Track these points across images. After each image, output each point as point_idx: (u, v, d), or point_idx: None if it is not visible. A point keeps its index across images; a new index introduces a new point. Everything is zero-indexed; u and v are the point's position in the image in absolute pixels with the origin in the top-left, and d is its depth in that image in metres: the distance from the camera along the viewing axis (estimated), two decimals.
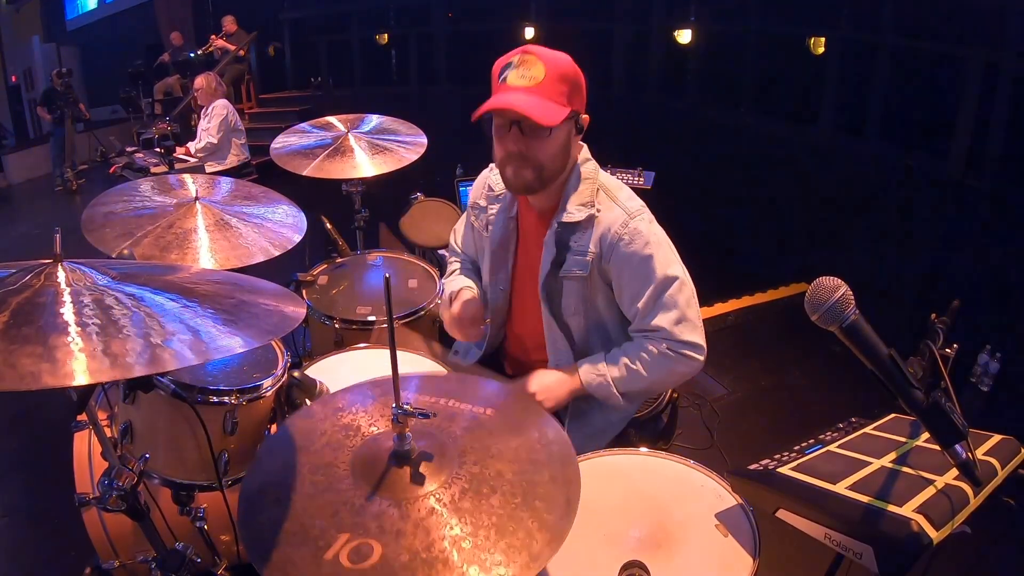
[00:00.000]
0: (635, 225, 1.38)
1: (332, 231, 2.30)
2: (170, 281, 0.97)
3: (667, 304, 1.38)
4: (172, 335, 0.79)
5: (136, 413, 1.30)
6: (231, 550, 1.56)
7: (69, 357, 0.70)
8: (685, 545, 1.11)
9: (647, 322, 1.40)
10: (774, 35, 4.80)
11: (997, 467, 0.97)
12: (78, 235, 1.51)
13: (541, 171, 1.36)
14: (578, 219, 1.39)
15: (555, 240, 1.42)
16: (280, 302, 1.00)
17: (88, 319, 0.77)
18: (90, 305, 0.80)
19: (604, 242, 1.39)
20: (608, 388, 1.44)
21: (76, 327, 0.75)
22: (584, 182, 1.42)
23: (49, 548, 2.10)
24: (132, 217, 1.66)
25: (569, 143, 1.38)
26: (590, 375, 1.45)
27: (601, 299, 1.46)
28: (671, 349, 1.40)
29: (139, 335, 0.77)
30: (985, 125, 3.41)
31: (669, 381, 1.50)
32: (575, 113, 1.35)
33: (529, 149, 1.33)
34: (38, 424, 2.69)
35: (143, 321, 0.80)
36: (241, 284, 1.05)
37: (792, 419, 2.80)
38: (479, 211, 1.61)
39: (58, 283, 0.84)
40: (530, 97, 1.27)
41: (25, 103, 9.63)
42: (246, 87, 7.59)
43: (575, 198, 1.41)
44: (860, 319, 0.87)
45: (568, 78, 1.32)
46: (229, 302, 0.94)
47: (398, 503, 0.89)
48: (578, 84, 1.34)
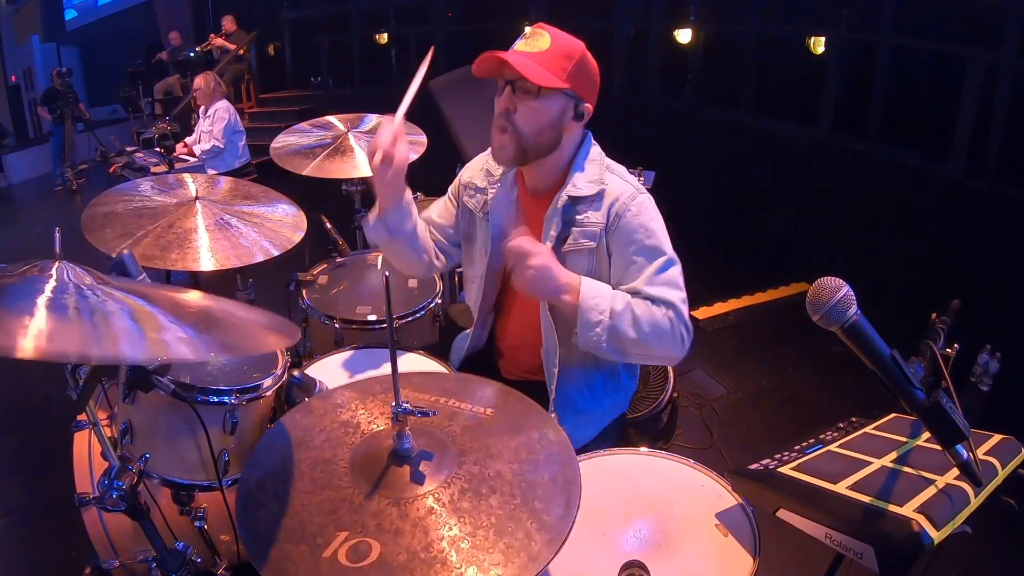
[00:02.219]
0: (642, 199, 1.39)
1: (332, 231, 2.30)
2: (162, 295, 0.96)
3: (670, 281, 1.36)
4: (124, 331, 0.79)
5: (136, 413, 1.30)
6: (231, 550, 1.56)
7: (26, 330, 0.70)
8: (685, 545, 1.11)
9: (654, 293, 1.35)
10: (774, 35, 4.79)
11: (997, 467, 0.96)
12: (78, 235, 1.51)
13: (520, 140, 1.35)
14: (587, 193, 1.39)
15: (560, 216, 1.40)
16: (266, 332, 0.98)
17: (61, 303, 0.77)
18: (71, 295, 0.80)
19: (611, 211, 1.38)
20: (599, 315, 1.31)
21: (44, 308, 0.76)
22: (592, 163, 1.43)
23: (49, 548, 2.10)
24: (132, 217, 1.66)
25: (560, 122, 1.37)
26: (591, 289, 1.34)
27: (606, 273, 1.42)
28: (672, 322, 1.33)
29: (89, 321, 0.77)
30: (985, 125, 3.40)
31: (656, 350, 1.36)
32: (574, 94, 1.35)
33: (516, 111, 1.34)
34: (38, 424, 2.68)
35: (113, 315, 0.80)
36: (234, 312, 1.00)
37: (792, 419, 2.80)
38: (475, 192, 1.56)
39: (49, 274, 0.84)
40: (526, 59, 1.30)
41: (25, 103, 9.62)
42: (246, 87, 7.59)
43: (582, 176, 1.40)
44: (862, 319, 0.87)
45: (573, 57, 1.33)
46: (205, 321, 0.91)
47: (397, 502, 0.89)
48: (585, 69, 1.35)
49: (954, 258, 3.47)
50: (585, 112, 1.39)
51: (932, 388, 0.87)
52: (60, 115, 6.96)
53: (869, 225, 3.93)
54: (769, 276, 4.03)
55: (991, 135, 3.38)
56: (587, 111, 1.39)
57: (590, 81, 1.37)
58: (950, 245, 3.49)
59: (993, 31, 3.31)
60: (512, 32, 1.42)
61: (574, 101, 1.36)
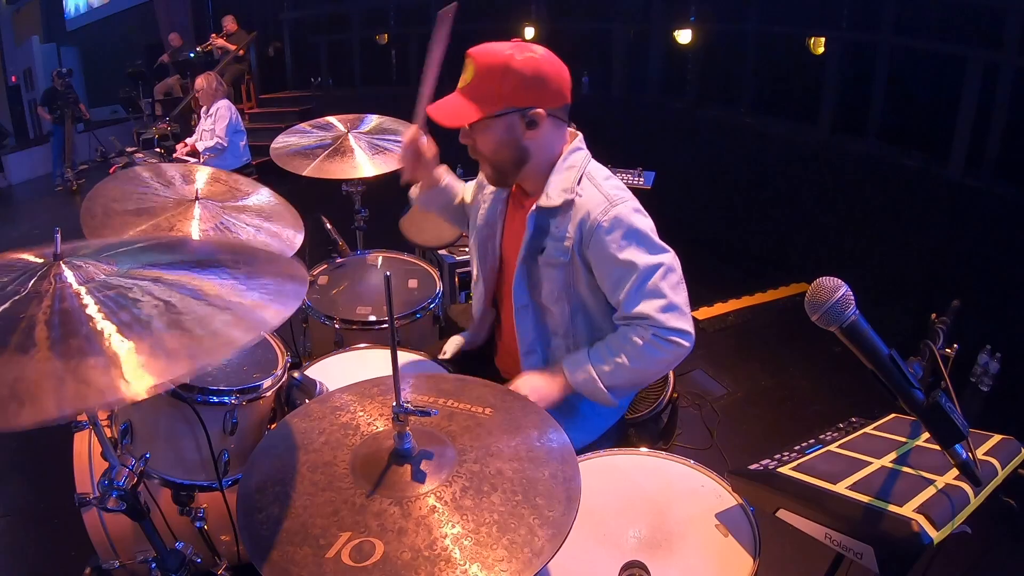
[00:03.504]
0: (616, 212, 1.35)
1: (332, 231, 2.30)
2: (180, 260, 0.96)
3: (651, 292, 1.34)
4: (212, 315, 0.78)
5: (136, 413, 1.30)
6: (231, 550, 1.56)
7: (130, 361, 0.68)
8: (685, 545, 1.11)
9: (630, 310, 1.36)
10: (774, 35, 4.79)
11: (997, 467, 0.97)
12: (78, 235, 1.51)
13: (490, 162, 1.44)
14: (556, 203, 1.39)
15: (534, 224, 1.42)
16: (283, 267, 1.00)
17: (120, 319, 0.75)
18: (113, 301, 0.78)
19: (583, 227, 1.37)
20: (595, 383, 1.39)
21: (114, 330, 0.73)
22: (569, 170, 1.41)
23: (49, 548, 2.10)
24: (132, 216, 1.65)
25: (513, 138, 1.38)
26: (576, 372, 1.42)
27: (584, 285, 1.44)
28: (657, 336, 1.35)
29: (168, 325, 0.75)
30: (985, 125, 3.40)
31: (656, 370, 1.43)
32: (513, 108, 1.35)
33: (475, 140, 1.41)
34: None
35: (173, 308, 0.79)
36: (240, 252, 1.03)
37: (792, 419, 2.81)
38: (480, 187, 1.65)
39: (68, 284, 0.82)
40: (453, 98, 1.38)
41: (25, 103, 9.63)
42: (246, 87, 7.59)
43: (557, 183, 1.40)
44: (860, 319, 0.87)
45: (498, 76, 1.33)
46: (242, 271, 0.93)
47: (399, 501, 0.89)
48: (518, 80, 1.33)
49: (954, 258, 3.47)
50: (537, 119, 1.36)
51: (931, 388, 0.87)
52: (60, 115, 6.96)
53: (869, 225, 3.93)
54: (769, 276, 4.03)
55: (991, 135, 3.38)
56: (539, 116, 1.36)
57: (531, 88, 1.34)
58: (950, 245, 3.49)
59: (993, 31, 3.31)
60: (512, 32, 1.43)
61: (519, 114, 1.36)
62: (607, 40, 5.73)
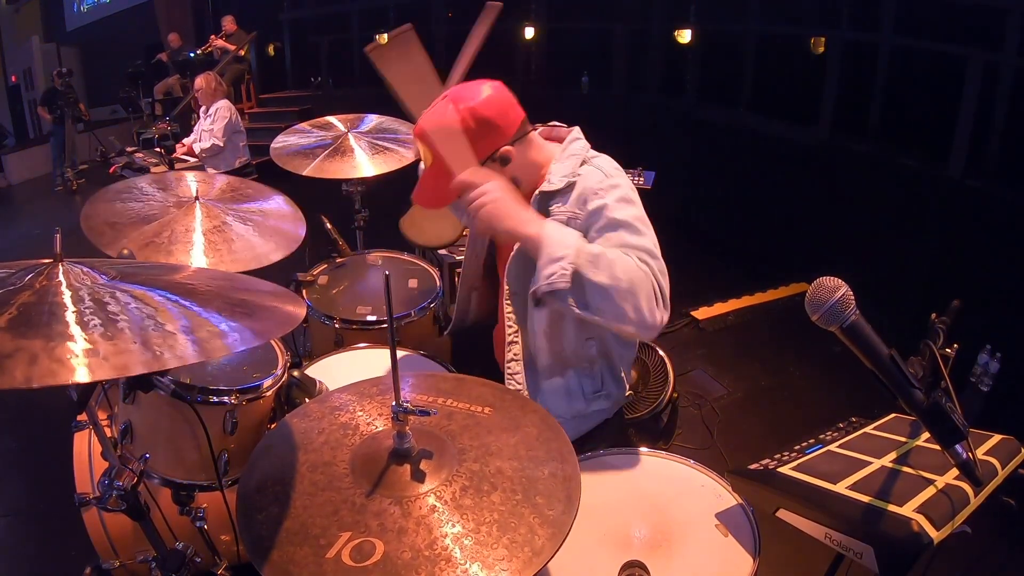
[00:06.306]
0: (615, 184, 1.35)
1: (332, 231, 2.30)
2: (170, 281, 0.97)
3: (649, 250, 1.28)
4: (173, 334, 0.79)
5: (136, 413, 1.30)
6: (231, 550, 1.56)
7: (68, 355, 0.71)
8: (685, 545, 1.11)
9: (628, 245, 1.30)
10: (774, 35, 4.80)
11: (997, 467, 0.97)
12: (78, 235, 1.51)
13: None
14: (558, 187, 1.38)
15: (536, 208, 1.39)
16: (280, 301, 1.00)
17: (89, 318, 0.77)
18: (90, 305, 0.80)
19: (581, 199, 1.36)
20: (566, 248, 1.21)
21: (77, 325, 0.75)
22: (570, 157, 1.42)
23: (49, 548, 2.10)
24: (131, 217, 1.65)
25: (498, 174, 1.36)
26: (556, 224, 1.29)
27: None
28: (647, 276, 1.23)
29: (137, 332, 0.77)
30: (985, 125, 3.41)
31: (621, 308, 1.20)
32: (482, 161, 1.36)
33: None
34: (38, 424, 2.68)
35: (142, 320, 0.80)
36: (238, 284, 1.05)
37: (792, 419, 2.80)
38: None
39: (59, 283, 0.84)
40: (427, 181, 1.44)
41: (25, 103, 9.64)
42: (246, 87, 7.59)
43: (559, 171, 1.40)
44: (860, 319, 0.87)
45: (457, 139, 1.33)
46: (230, 300, 0.94)
47: (399, 501, 0.89)
48: (475, 134, 1.33)
49: (954, 258, 3.47)
50: (507, 155, 1.37)
51: (931, 388, 0.87)
52: (60, 115, 6.95)
53: (869, 225, 3.93)
54: (769, 276, 4.03)
55: (991, 135, 3.38)
56: (508, 153, 1.37)
57: (486, 136, 1.34)
58: (950, 245, 3.49)
59: (993, 31, 3.31)
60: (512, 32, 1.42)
61: (489, 161, 1.37)
62: (607, 40, 5.74)
